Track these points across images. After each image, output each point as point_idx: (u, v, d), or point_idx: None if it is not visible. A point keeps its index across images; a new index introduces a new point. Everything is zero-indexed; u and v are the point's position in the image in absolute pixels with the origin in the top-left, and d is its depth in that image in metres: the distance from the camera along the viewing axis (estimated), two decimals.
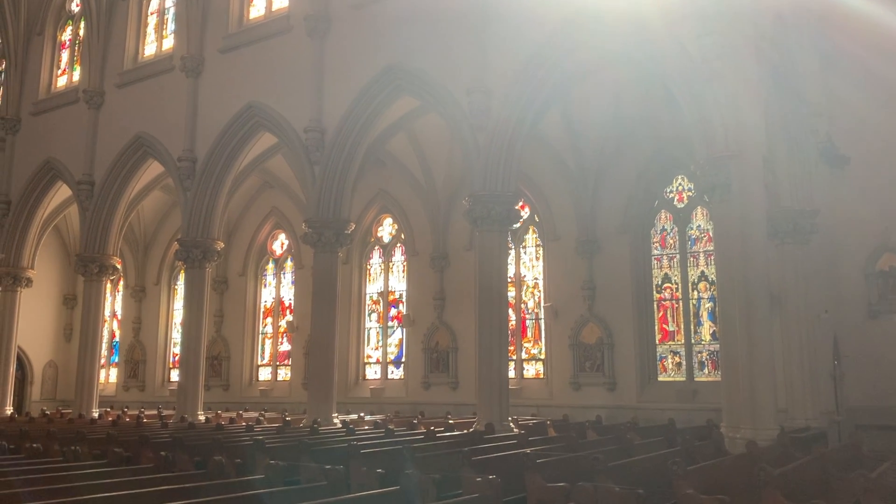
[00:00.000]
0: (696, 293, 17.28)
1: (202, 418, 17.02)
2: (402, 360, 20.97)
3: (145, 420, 16.22)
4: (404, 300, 21.25)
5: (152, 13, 20.92)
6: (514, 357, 18.72)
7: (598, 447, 9.64)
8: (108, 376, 26.05)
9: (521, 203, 17.66)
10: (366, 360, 21.67)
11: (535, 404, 17.99)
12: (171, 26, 20.23)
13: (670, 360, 17.38)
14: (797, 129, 14.35)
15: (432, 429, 12.22)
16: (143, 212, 24.46)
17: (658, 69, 12.21)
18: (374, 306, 21.93)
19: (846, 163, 15.14)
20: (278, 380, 23.13)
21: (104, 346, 23.85)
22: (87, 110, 20.73)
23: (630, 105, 16.88)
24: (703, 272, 17.22)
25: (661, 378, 17.34)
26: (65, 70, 23.09)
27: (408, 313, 20.86)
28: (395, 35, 15.31)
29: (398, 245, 21.75)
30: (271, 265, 24.21)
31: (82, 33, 22.27)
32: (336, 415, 15.52)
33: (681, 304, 17.41)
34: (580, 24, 12.97)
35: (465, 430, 12.99)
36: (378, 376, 21.40)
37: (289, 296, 23.48)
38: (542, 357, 18.97)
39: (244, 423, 15.06)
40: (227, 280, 24.08)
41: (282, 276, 23.89)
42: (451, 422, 14.51)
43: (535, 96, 13.72)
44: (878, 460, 8.99)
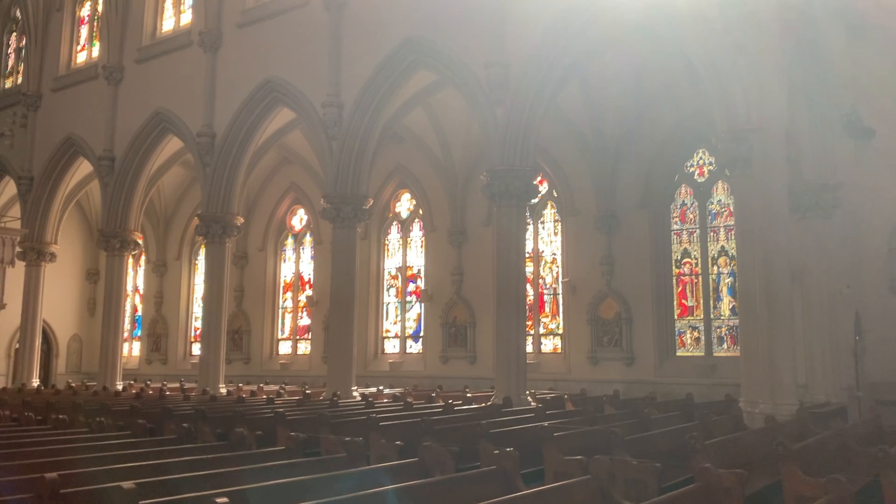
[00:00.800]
0: (715, 268, 17.17)
1: (224, 391, 17.25)
2: (421, 334, 21.08)
3: (168, 393, 16.47)
4: (422, 275, 21.31)
5: None
6: (532, 332, 18.75)
7: (615, 421, 9.67)
8: (132, 350, 26.44)
9: (539, 178, 17.58)
10: (384, 335, 21.82)
11: (553, 379, 18.05)
12: (188, 1, 20.21)
13: (689, 336, 17.34)
14: (821, 101, 14.10)
15: (450, 402, 12.32)
16: (164, 187, 24.63)
17: (679, 40, 12.02)
18: (392, 281, 22.01)
19: (871, 136, 14.83)
20: (298, 353, 23.36)
21: (127, 320, 24.20)
22: (107, 86, 20.83)
23: (650, 78, 16.66)
24: (723, 247, 17.09)
25: (680, 353, 17.31)
26: (84, 46, 23.17)
27: (426, 288, 20.92)
28: (413, 8, 15.19)
29: (416, 220, 21.77)
30: (290, 240, 24.34)
31: (101, 9, 22.29)
32: (355, 388, 15.67)
33: (700, 279, 17.32)
34: None
35: (483, 404, 13.08)
36: (396, 350, 21.54)
37: (308, 271, 23.62)
38: (560, 332, 18.99)
39: (265, 396, 15.26)
40: (247, 255, 24.27)
41: (301, 251, 24.03)
42: (468, 395, 14.60)
43: (553, 69, 13.58)
44: None
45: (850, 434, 8.16)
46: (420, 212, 21.49)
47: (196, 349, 23.81)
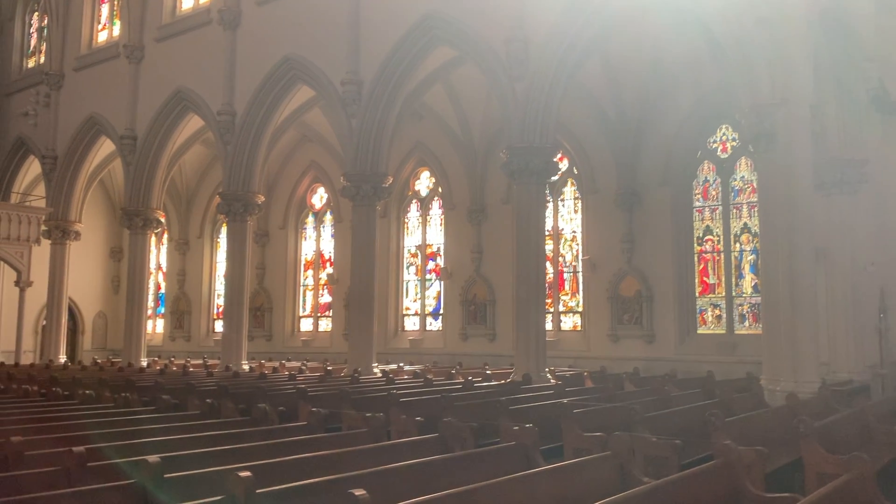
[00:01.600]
0: (738, 245, 17.01)
1: (246, 367, 17.46)
2: (440, 312, 21.15)
3: (191, 369, 16.69)
4: (442, 253, 21.33)
5: None
6: (552, 310, 18.74)
7: (635, 398, 9.67)
8: (155, 327, 26.80)
9: (559, 155, 17.46)
10: (404, 312, 21.91)
11: (573, 356, 18.05)
12: None
13: (710, 313, 17.24)
14: (847, 75, 13.82)
15: (470, 379, 12.37)
16: (185, 166, 24.78)
17: (702, 14, 11.82)
18: (412, 259, 22.06)
19: None
20: (319, 330, 23.56)
21: (150, 297, 24.51)
22: (128, 65, 20.93)
23: (672, 53, 16.41)
24: (745, 224, 16.91)
25: (701, 331, 17.23)
26: (105, 25, 23.26)
27: (445, 266, 20.95)
28: None
29: (436, 198, 21.74)
30: (311, 218, 24.44)
31: None
32: (376, 365, 15.79)
33: (722, 256, 17.18)
34: None
35: (503, 381, 13.13)
36: (416, 328, 21.64)
37: (329, 249, 23.74)
38: (580, 310, 18.96)
39: (287, 373, 15.43)
40: (269, 233, 24.42)
41: (321, 229, 24.13)
42: (488, 372, 14.65)
43: (574, 44, 13.43)
44: None
45: (873, 412, 8.09)
46: (439, 189, 21.45)
47: (219, 326, 24.08)
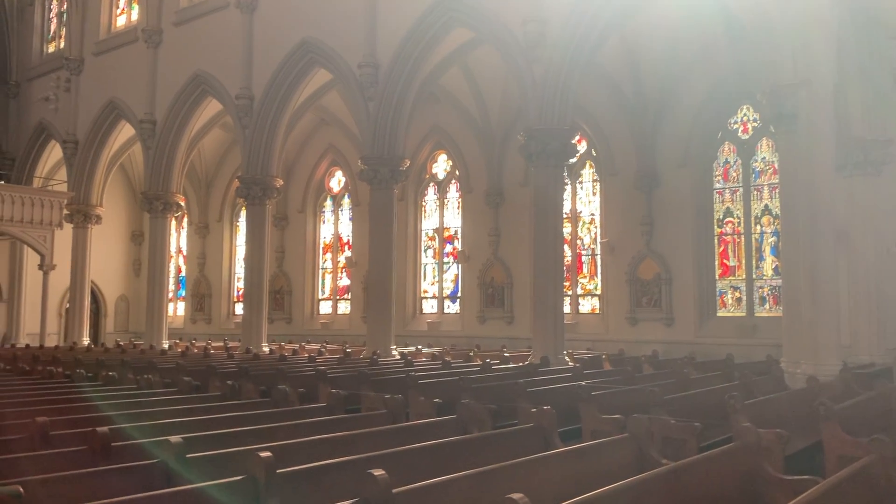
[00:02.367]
0: (758, 227, 16.85)
1: (266, 349, 17.62)
2: (458, 294, 21.18)
3: (212, 351, 16.87)
4: (459, 236, 21.33)
5: None
6: (570, 293, 18.70)
7: (654, 381, 9.64)
8: (176, 309, 27.08)
9: (577, 137, 17.32)
10: (422, 295, 21.97)
11: (591, 339, 18.02)
12: None
13: (730, 296, 17.12)
14: (871, 54, 13.58)
15: (488, 361, 12.40)
16: (204, 150, 24.91)
17: None
18: (429, 243, 22.08)
19: None
20: (339, 313, 23.70)
21: (171, 280, 24.75)
22: (147, 49, 21.02)
23: (692, 33, 16.18)
24: (766, 206, 16.74)
25: (721, 313, 17.13)
26: (123, 10, 23.35)
27: (463, 249, 20.95)
28: None
29: (453, 181, 21.71)
30: (329, 202, 24.51)
31: None
32: (394, 347, 15.88)
33: (742, 238, 17.03)
34: None
35: (521, 363, 13.15)
36: (434, 311, 21.70)
37: (347, 232, 23.82)
38: (598, 293, 18.90)
39: (306, 355, 15.54)
40: (287, 217, 24.54)
41: (339, 212, 24.20)
42: (506, 355, 14.68)
43: (593, 25, 13.29)
44: None
45: (895, 395, 8.02)
46: (457, 172, 21.41)
47: (239, 309, 24.30)
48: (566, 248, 17.48)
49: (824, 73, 10.53)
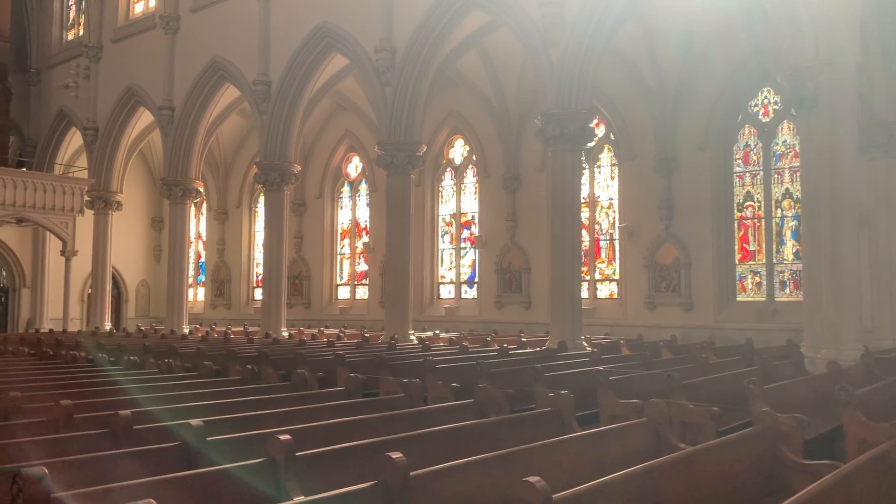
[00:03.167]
0: (779, 211, 16.67)
1: (285, 334, 17.75)
2: (475, 280, 21.19)
3: (232, 336, 17.02)
4: (476, 221, 21.30)
5: None
6: (588, 277, 18.64)
7: (672, 366, 9.61)
8: (196, 295, 27.34)
9: (595, 121, 17.20)
10: (440, 280, 22.00)
11: (609, 324, 17.98)
12: None
13: (750, 280, 16.99)
14: (894, 35, 13.34)
15: (505, 346, 12.41)
16: (222, 136, 25.02)
17: None
18: (446, 228, 22.08)
19: None
20: (357, 298, 23.80)
21: (191, 266, 24.96)
22: (164, 36, 21.09)
23: (711, 14, 15.95)
24: (787, 189, 16.55)
25: (740, 298, 17.00)
26: None
27: (480, 234, 20.93)
28: None
29: (470, 166, 21.66)
30: (346, 188, 24.56)
31: None
32: (412, 332, 15.93)
33: (763, 222, 16.86)
34: None
35: (538, 348, 13.15)
36: (452, 296, 21.74)
37: (364, 217, 23.87)
38: (617, 278, 18.83)
39: (325, 339, 15.65)
40: (305, 202, 24.62)
41: (357, 198, 24.25)
42: (523, 340, 14.68)
43: (610, 8, 13.15)
44: None
45: None
46: (473, 157, 21.35)
47: (258, 294, 24.47)
48: (584, 232, 17.40)
49: (847, 54, 10.35)
